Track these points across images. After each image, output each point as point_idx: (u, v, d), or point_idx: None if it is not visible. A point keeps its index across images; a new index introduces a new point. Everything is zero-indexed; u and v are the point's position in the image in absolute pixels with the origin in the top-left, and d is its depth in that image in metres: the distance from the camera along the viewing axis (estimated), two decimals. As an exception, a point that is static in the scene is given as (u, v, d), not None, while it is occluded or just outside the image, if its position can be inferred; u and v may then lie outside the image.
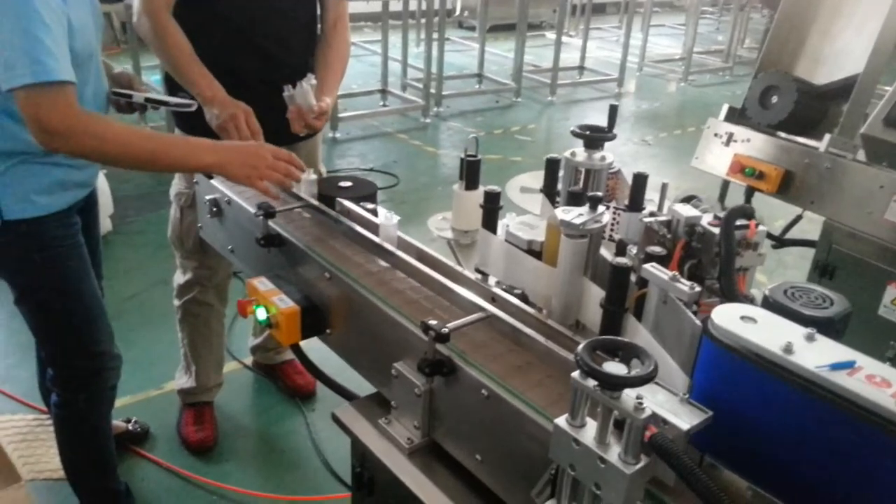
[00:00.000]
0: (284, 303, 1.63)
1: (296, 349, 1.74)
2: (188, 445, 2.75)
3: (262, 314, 1.66)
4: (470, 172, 1.68)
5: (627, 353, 0.89)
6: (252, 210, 1.77)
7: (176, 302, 2.68)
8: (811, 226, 2.70)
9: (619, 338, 0.95)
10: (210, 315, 2.70)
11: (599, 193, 1.30)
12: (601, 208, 1.31)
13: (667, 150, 6.70)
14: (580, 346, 0.88)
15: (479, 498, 1.29)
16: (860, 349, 0.96)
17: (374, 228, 1.66)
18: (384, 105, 7.25)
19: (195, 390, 2.80)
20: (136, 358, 3.09)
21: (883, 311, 2.43)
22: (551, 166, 1.66)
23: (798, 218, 3.00)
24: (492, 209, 1.48)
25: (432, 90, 7.10)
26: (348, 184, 1.84)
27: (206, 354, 2.76)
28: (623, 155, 6.42)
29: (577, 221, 1.26)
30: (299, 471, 2.70)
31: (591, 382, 0.89)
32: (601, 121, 1.72)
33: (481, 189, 1.57)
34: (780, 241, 2.89)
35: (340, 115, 6.32)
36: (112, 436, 2.22)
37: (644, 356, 0.87)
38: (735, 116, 2.79)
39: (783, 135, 2.64)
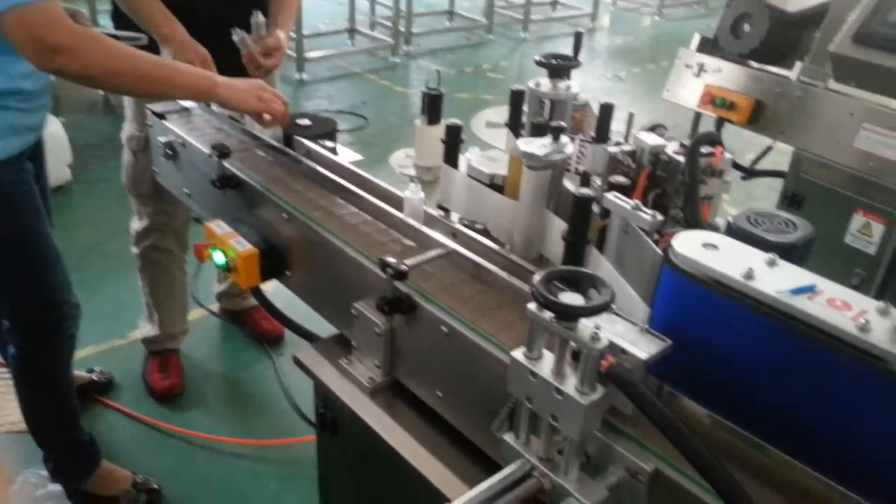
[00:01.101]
0: (242, 245, 1.59)
1: (256, 292, 1.70)
2: (154, 394, 2.73)
3: (219, 258, 1.62)
4: (432, 107, 1.62)
5: (585, 283, 0.86)
6: (207, 151, 1.70)
7: (134, 250, 2.62)
8: (783, 158, 2.68)
9: (577, 268, 0.92)
10: (170, 262, 2.64)
11: (562, 123, 1.25)
12: (564, 139, 1.27)
13: (640, 84, 6.63)
14: (536, 277, 0.85)
15: (441, 435, 1.28)
16: (828, 278, 0.95)
17: (333, 167, 1.61)
18: (352, 45, 7.06)
19: (159, 338, 2.76)
20: (100, 308, 3.03)
21: (849, 238, 2.44)
22: (515, 98, 1.61)
23: (768, 149, 2.98)
24: (453, 143, 1.44)
25: (401, 28, 6.92)
26: (307, 122, 1.78)
27: (168, 302, 2.71)
28: (596, 90, 6.34)
29: (539, 152, 1.21)
30: (268, 415, 2.70)
31: (547, 314, 0.86)
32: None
33: (444, 124, 1.52)
34: (749, 173, 2.87)
35: (307, 55, 6.15)
36: (73, 386, 2.18)
37: (601, 286, 0.85)
38: (707, 47, 2.74)
39: (755, 64, 2.60)
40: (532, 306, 0.87)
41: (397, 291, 1.25)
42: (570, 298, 0.84)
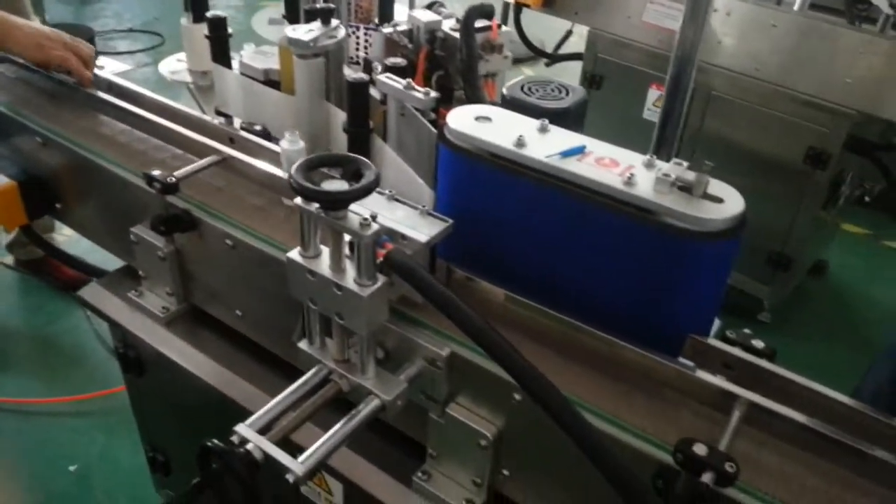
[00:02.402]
0: (-4, 180, 1.39)
1: (27, 231, 1.52)
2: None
3: (-28, 198, 1.41)
4: (196, 3, 1.46)
5: (350, 168, 0.80)
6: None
7: None
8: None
9: (338, 153, 0.86)
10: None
11: (330, 5, 1.16)
12: (335, 23, 1.18)
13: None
14: (294, 166, 0.78)
15: (247, 355, 1.21)
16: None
17: (95, 82, 1.42)
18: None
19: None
20: None
21: (647, 114, 2.55)
22: (290, -13, 1.48)
23: (568, 33, 3.04)
24: (219, 38, 1.30)
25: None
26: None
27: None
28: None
29: (307, 38, 1.12)
30: (85, 367, 2.49)
31: (315, 205, 0.80)
32: None
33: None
34: (550, 58, 2.92)
35: (85, -31, 5.50)
36: None
37: (364, 168, 0.79)
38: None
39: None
40: (298, 199, 0.80)
41: (172, 208, 1.14)
42: (333, 185, 0.78)
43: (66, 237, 2.69)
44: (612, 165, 0.87)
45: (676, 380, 0.83)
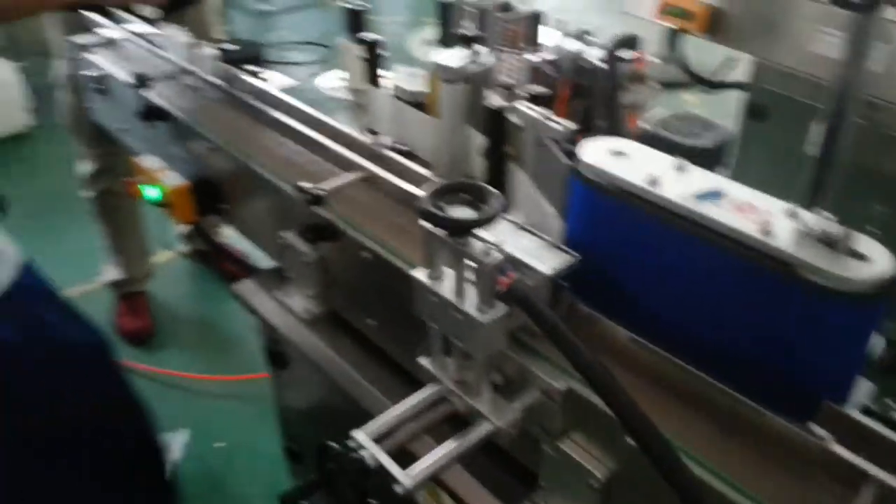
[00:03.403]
0: (173, 180, 1.55)
1: (196, 227, 1.67)
2: (125, 335, 2.72)
3: (152, 193, 1.58)
4: (355, 22, 1.54)
5: (477, 195, 0.83)
6: (128, 82, 1.64)
7: (87, 194, 2.56)
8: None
9: (467, 181, 0.88)
10: (125, 204, 2.59)
11: (477, 32, 1.19)
12: (481, 48, 1.21)
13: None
14: (423, 193, 0.82)
15: (377, 362, 1.26)
16: (793, 190, 0.89)
17: (258, 93, 1.54)
18: (316, -30, 6.81)
19: (125, 282, 2.75)
20: (67, 254, 2.99)
21: (809, 149, 2.39)
22: (443, 11, 1.53)
23: (731, 60, 2.90)
24: (372, 59, 1.37)
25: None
26: (233, 47, 1.70)
27: (129, 245, 2.68)
28: (568, 9, 6.15)
29: (453, 63, 1.16)
30: (241, 351, 2.70)
31: (441, 231, 0.83)
32: None
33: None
34: (711, 85, 2.80)
35: (269, -17, 5.94)
36: None
37: (491, 197, 0.81)
38: (663, -49, 2.62)
39: (713, -31, 2.49)
40: (426, 223, 0.84)
41: (318, 218, 1.22)
42: (459, 212, 0.81)
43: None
44: (749, 211, 0.84)
45: (800, 447, 0.78)
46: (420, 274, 0.89)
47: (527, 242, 0.92)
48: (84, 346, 1.35)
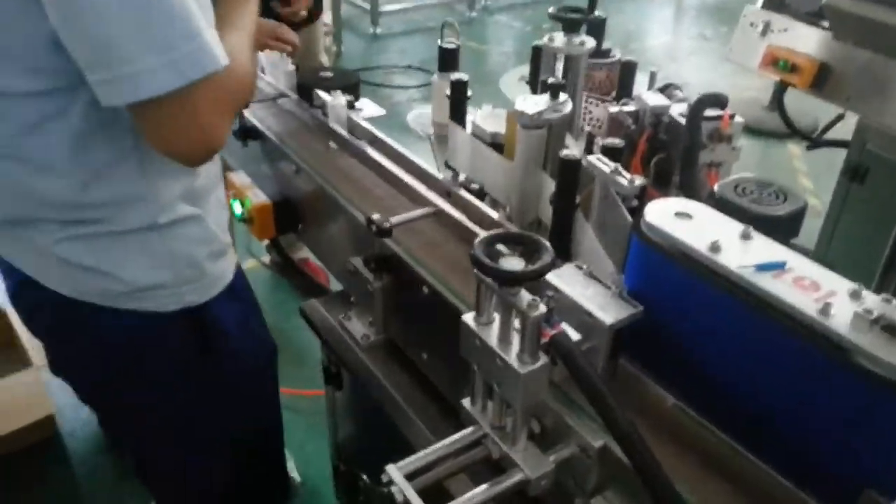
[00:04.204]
0: (258, 197, 1.62)
1: (274, 243, 1.74)
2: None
3: (237, 208, 1.66)
4: (447, 61, 1.59)
5: (530, 247, 0.83)
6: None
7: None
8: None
9: (521, 231, 0.89)
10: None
11: (560, 80, 1.20)
12: (564, 97, 1.22)
13: (726, 45, 6.29)
14: (476, 240, 0.83)
15: (430, 396, 1.28)
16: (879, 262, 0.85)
17: (346, 122, 1.60)
18: (429, -1, 6.99)
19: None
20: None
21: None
22: (536, 54, 1.55)
23: (839, 117, 2.78)
24: (458, 99, 1.40)
25: (479, -18, 6.79)
26: (329, 74, 1.77)
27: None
28: (677, 51, 6.07)
29: (530, 110, 1.17)
30: (304, 366, 2.76)
31: (490, 279, 0.84)
32: (660, 14, 1.58)
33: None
34: (813, 142, 2.70)
35: (381, 8, 6.13)
36: None
37: (544, 251, 0.81)
38: (775, 4, 2.56)
39: (826, 24, 2.41)
40: (476, 269, 0.85)
41: (384, 249, 1.25)
42: (509, 262, 0.81)
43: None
44: (811, 289, 0.81)
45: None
46: (468, 317, 0.90)
47: (592, 290, 0.92)
48: (265, 351, 1.46)
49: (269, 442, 1.61)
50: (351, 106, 1.65)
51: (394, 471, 0.86)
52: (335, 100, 1.59)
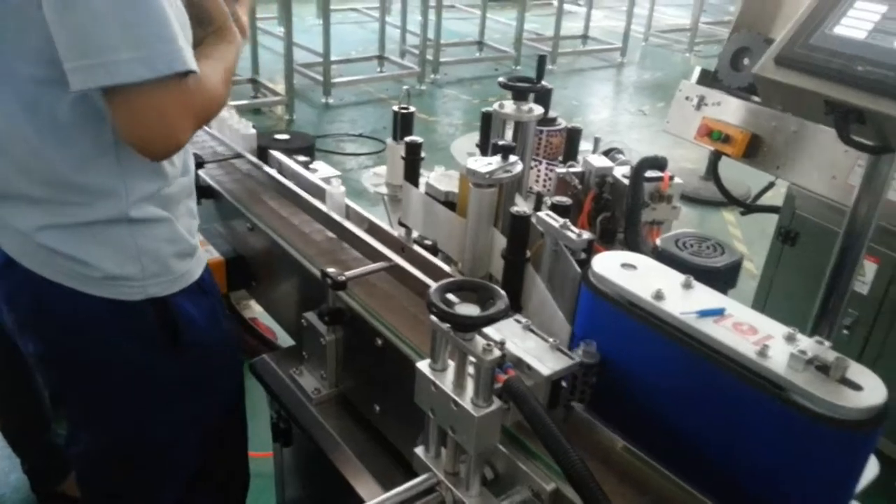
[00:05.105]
0: (210, 254, 1.62)
1: (225, 300, 1.73)
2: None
3: (189, 265, 1.65)
4: (402, 125, 1.64)
5: (484, 295, 0.86)
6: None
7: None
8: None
9: (474, 280, 0.92)
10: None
11: (511, 143, 1.26)
12: (514, 158, 1.28)
13: (663, 119, 6.60)
14: (432, 287, 0.86)
15: (383, 449, 1.27)
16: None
17: (303, 183, 1.63)
18: (380, 71, 7.17)
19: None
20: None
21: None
22: (485, 120, 1.62)
23: (770, 185, 2.94)
24: (412, 160, 1.45)
25: (429, 57, 7.01)
26: (285, 136, 1.81)
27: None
28: (617, 125, 6.33)
29: (483, 170, 1.22)
30: (254, 426, 2.70)
31: (446, 325, 0.86)
32: (602, 91, 1.66)
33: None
34: (747, 208, 2.84)
35: (334, 80, 6.26)
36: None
37: (498, 297, 0.84)
38: (708, 80, 2.72)
39: (757, 98, 2.57)
40: (434, 317, 0.87)
41: (338, 302, 1.27)
42: (465, 309, 0.84)
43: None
44: (749, 333, 0.86)
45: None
46: (423, 365, 0.91)
47: (531, 343, 0.95)
48: (232, 341, 1.47)
49: (234, 431, 1.63)
50: (306, 166, 1.69)
51: (345, 520, 0.86)
52: (290, 161, 1.63)
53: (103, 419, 1.36)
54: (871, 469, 0.92)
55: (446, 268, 1.27)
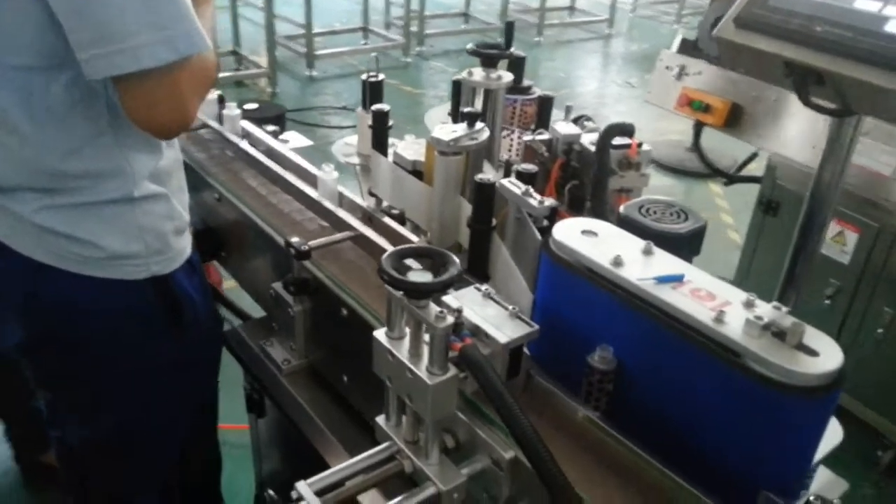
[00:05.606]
0: (179, 225, 1.59)
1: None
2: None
3: (158, 237, 1.62)
4: (371, 94, 1.61)
5: (438, 261, 0.85)
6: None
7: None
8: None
9: (428, 246, 0.91)
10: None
11: (476, 110, 1.24)
12: (480, 125, 1.26)
13: (651, 92, 6.56)
14: (385, 255, 0.84)
15: (350, 418, 1.27)
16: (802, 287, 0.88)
17: (270, 152, 1.61)
18: (365, 43, 7.08)
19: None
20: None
21: (823, 247, 2.38)
22: (456, 88, 1.59)
23: (754, 155, 2.94)
24: (380, 129, 1.42)
25: (414, 28, 6.93)
26: (254, 106, 1.78)
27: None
28: (605, 97, 6.30)
29: (447, 137, 1.20)
30: (232, 400, 2.69)
31: (400, 292, 0.85)
32: (589, 63, 1.64)
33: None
34: (729, 179, 2.84)
35: (318, 52, 6.18)
36: None
37: (451, 264, 0.83)
38: (689, 48, 2.70)
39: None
40: (387, 286, 0.86)
41: (303, 272, 1.25)
42: (418, 276, 0.83)
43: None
44: (707, 299, 0.85)
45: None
46: (380, 333, 0.90)
47: (490, 311, 0.94)
48: (218, 318, 1.48)
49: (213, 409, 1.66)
50: (275, 136, 1.66)
51: (303, 487, 0.86)
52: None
53: (104, 408, 1.33)
54: (836, 435, 0.92)
55: (413, 237, 1.26)
